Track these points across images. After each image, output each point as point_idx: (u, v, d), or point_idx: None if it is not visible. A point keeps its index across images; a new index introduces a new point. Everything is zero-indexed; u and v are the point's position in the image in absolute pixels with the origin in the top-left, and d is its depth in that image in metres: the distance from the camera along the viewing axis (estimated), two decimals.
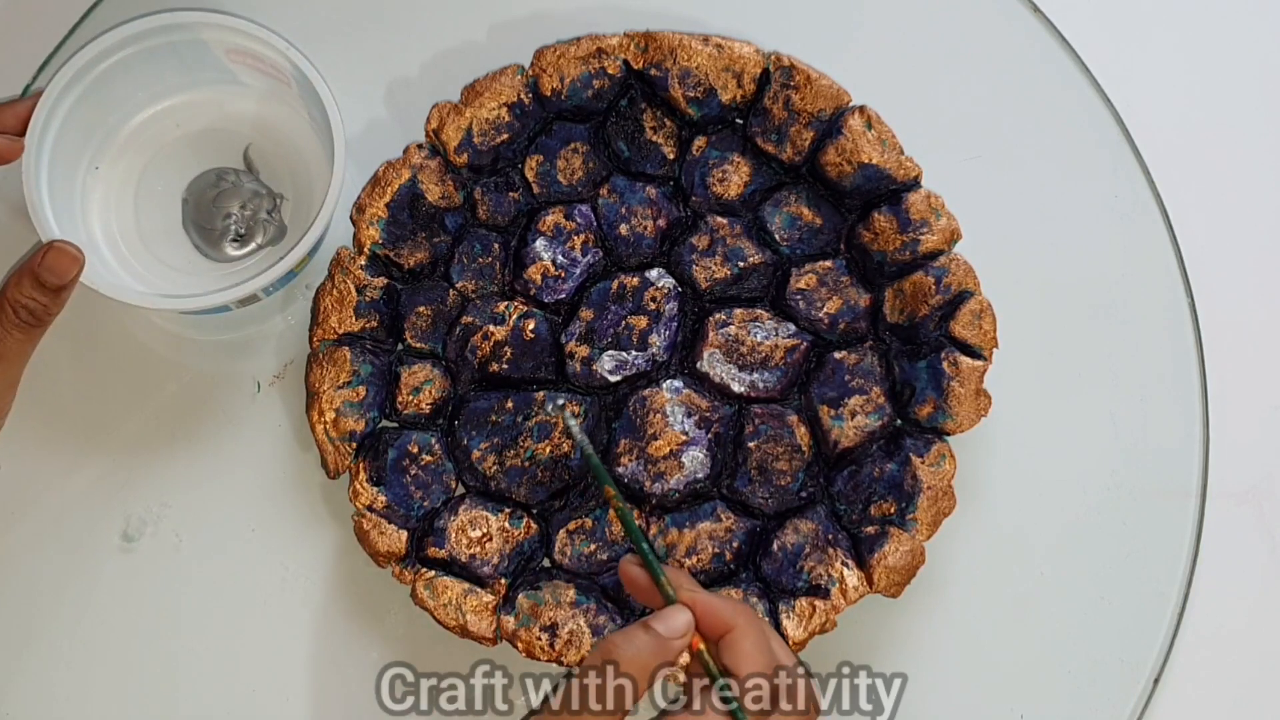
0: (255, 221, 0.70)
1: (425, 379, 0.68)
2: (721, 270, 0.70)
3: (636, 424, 0.68)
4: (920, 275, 0.68)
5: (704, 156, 0.70)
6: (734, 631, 0.53)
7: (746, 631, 0.53)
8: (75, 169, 0.69)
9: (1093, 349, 0.72)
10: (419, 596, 0.66)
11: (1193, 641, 0.70)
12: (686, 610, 0.53)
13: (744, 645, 0.52)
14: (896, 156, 0.69)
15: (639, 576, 0.55)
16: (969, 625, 0.70)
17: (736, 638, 0.53)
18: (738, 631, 0.53)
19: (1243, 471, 0.72)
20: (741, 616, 0.53)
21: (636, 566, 0.55)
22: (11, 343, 0.62)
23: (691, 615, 0.53)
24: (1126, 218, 0.73)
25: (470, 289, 0.69)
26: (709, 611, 0.53)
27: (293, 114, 0.71)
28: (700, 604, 0.53)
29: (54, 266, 0.62)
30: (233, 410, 0.71)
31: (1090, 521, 0.71)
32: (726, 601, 0.54)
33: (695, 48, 0.69)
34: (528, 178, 0.70)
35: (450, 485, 0.68)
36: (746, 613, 0.54)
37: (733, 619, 0.53)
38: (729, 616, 0.53)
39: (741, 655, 0.52)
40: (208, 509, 0.70)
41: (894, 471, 0.67)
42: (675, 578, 0.54)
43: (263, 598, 0.70)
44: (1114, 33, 0.75)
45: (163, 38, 0.67)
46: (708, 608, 0.53)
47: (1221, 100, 0.76)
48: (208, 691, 0.69)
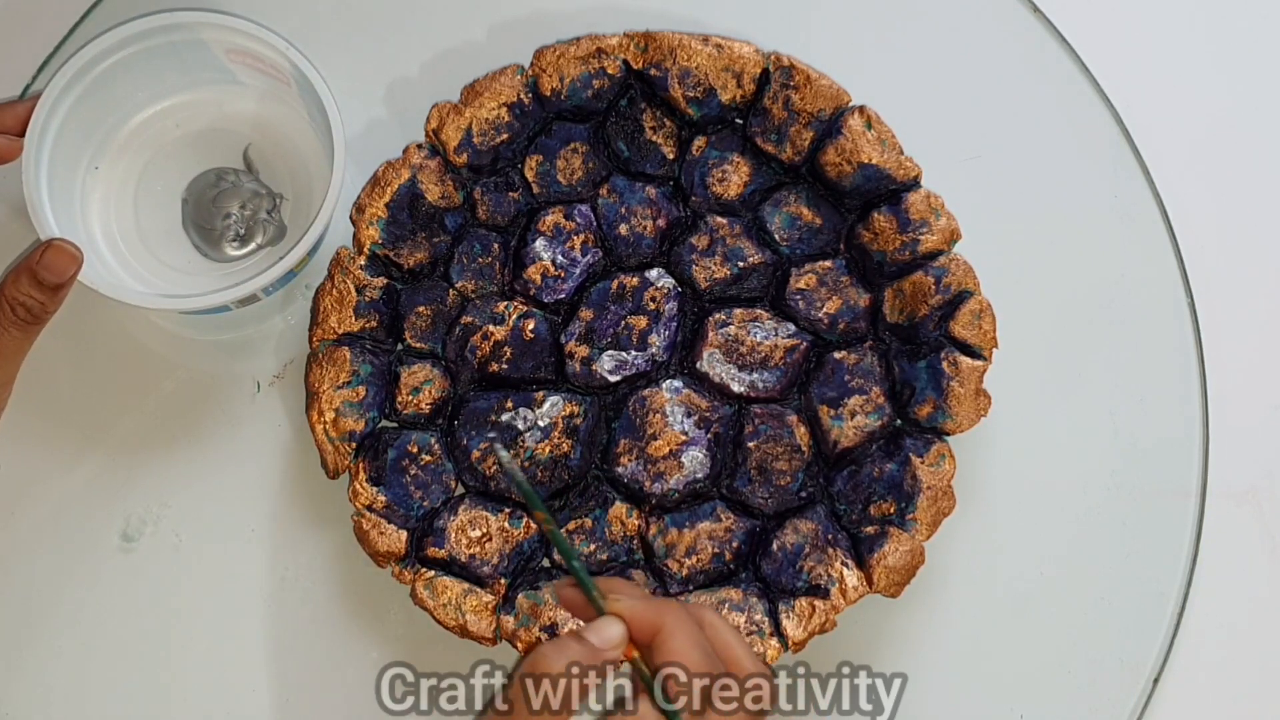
0: (255, 221, 0.70)
1: (425, 379, 0.68)
2: (721, 270, 0.70)
3: (636, 424, 0.68)
4: (920, 275, 0.68)
5: (704, 156, 0.70)
6: (662, 630, 0.53)
7: (675, 629, 0.53)
8: (75, 169, 0.69)
9: (1093, 349, 0.72)
10: (419, 596, 0.66)
11: (1193, 641, 0.70)
12: (618, 621, 0.53)
13: (672, 644, 0.52)
14: (896, 156, 0.69)
15: (573, 596, 0.55)
16: (969, 625, 0.70)
17: (665, 636, 0.53)
18: (665, 629, 0.53)
19: (1243, 471, 0.72)
20: (670, 614, 0.53)
21: (570, 587, 0.55)
22: (8, 340, 0.62)
23: (623, 626, 0.53)
24: (1126, 218, 0.73)
25: (470, 289, 0.69)
26: (637, 616, 0.53)
27: (292, 114, 0.71)
28: (628, 611, 0.53)
29: (52, 264, 0.62)
30: (233, 410, 0.71)
31: (1090, 521, 0.71)
32: (656, 603, 0.54)
33: (695, 48, 0.69)
34: (528, 178, 0.70)
35: (450, 485, 0.68)
36: (675, 609, 0.54)
37: (660, 618, 0.53)
38: (656, 617, 0.53)
39: (671, 653, 0.52)
40: (208, 509, 0.70)
41: (894, 471, 0.67)
42: (609, 586, 0.55)
43: (263, 598, 0.70)
44: (1114, 33, 0.75)
45: (163, 38, 0.67)
46: (635, 613, 0.53)
47: (1221, 100, 0.76)
48: (207, 691, 0.69)
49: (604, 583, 0.55)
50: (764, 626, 0.66)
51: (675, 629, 0.53)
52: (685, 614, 0.54)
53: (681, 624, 0.53)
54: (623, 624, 0.53)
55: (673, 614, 0.53)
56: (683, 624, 0.53)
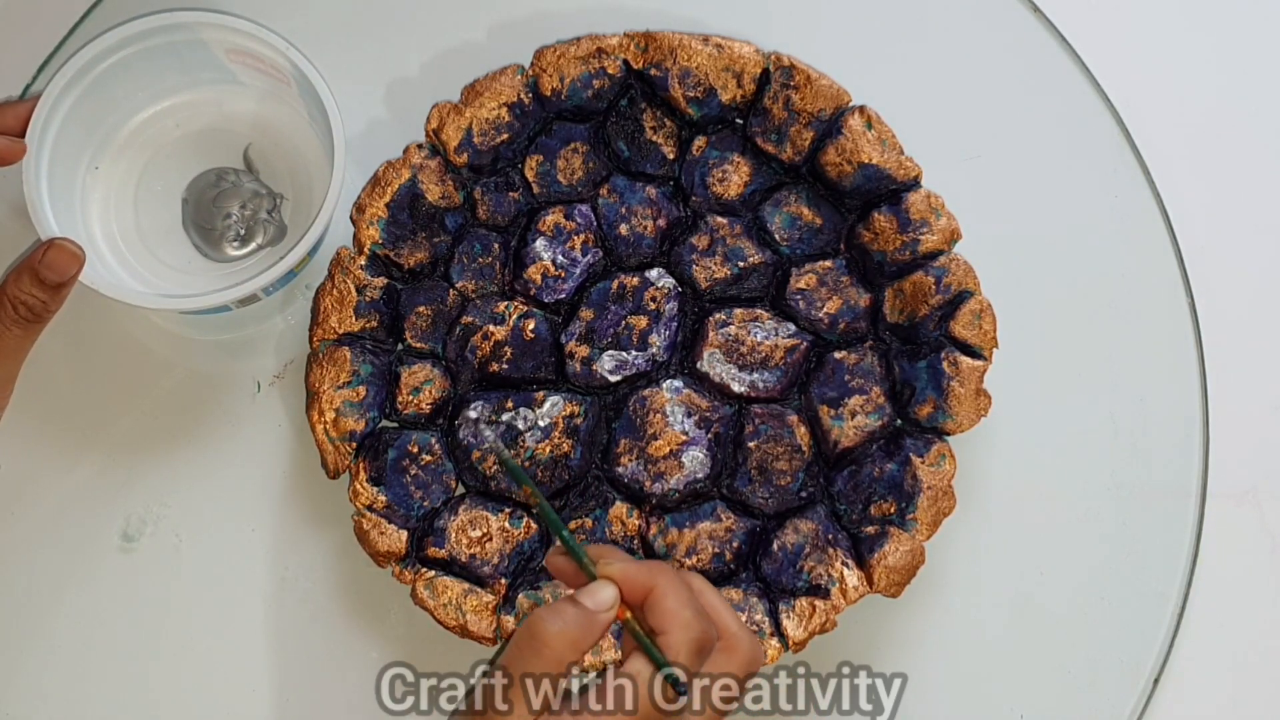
0: (255, 221, 0.70)
1: (425, 379, 0.68)
2: (721, 270, 0.70)
3: (636, 424, 0.68)
4: (920, 275, 0.68)
5: (704, 156, 0.70)
6: (654, 591, 0.53)
7: (667, 590, 0.53)
8: (75, 169, 0.69)
9: (1093, 349, 0.72)
10: (419, 596, 0.66)
11: (1193, 641, 0.70)
12: (611, 584, 0.54)
13: (666, 604, 0.53)
14: (896, 156, 0.69)
15: (564, 565, 0.55)
16: (969, 625, 0.70)
17: (658, 597, 0.53)
18: (658, 590, 0.53)
19: (1243, 471, 0.72)
20: (661, 575, 0.54)
21: (560, 555, 0.55)
22: (10, 339, 0.62)
23: (616, 588, 0.54)
24: (1126, 218, 0.73)
25: (470, 289, 0.69)
26: (629, 578, 0.54)
27: (293, 114, 0.71)
28: (619, 574, 0.54)
29: (54, 263, 0.62)
30: (233, 410, 0.71)
31: (1090, 521, 0.71)
32: (646, 564, 0.55)
33: (695, 48, 0.69)
34: (528, 178, 0.70)
35: (450, 485, 0.68)
36: (666, 571, 0.54)
37: (651, 579, 0.54)
38: (647, 578, 0.54)
39: (664, 614, 0.53)
40: (208, 509, 0.70)
41: (894, 471, 0.67)
42: (599, 552, 0.55)
43: (263, 598, 0.70)
44: (1114, 33, 0.75)
45: (163, 38, 0.67)
46: (627, 575, 0.54)
47: (1222, 100, 0.76)
48: (207, 691, 0.69)
49: (593, 549, 0.55)
50: (764, 626, 0.66)
51: (667, 589, 0.53)
52: (675, 575, 0.54)
53: (673, 584, 0.53)
54: (615, 586, 0.54)
55: (664, 575, 0.54)
56: (674, 585, 0.53)
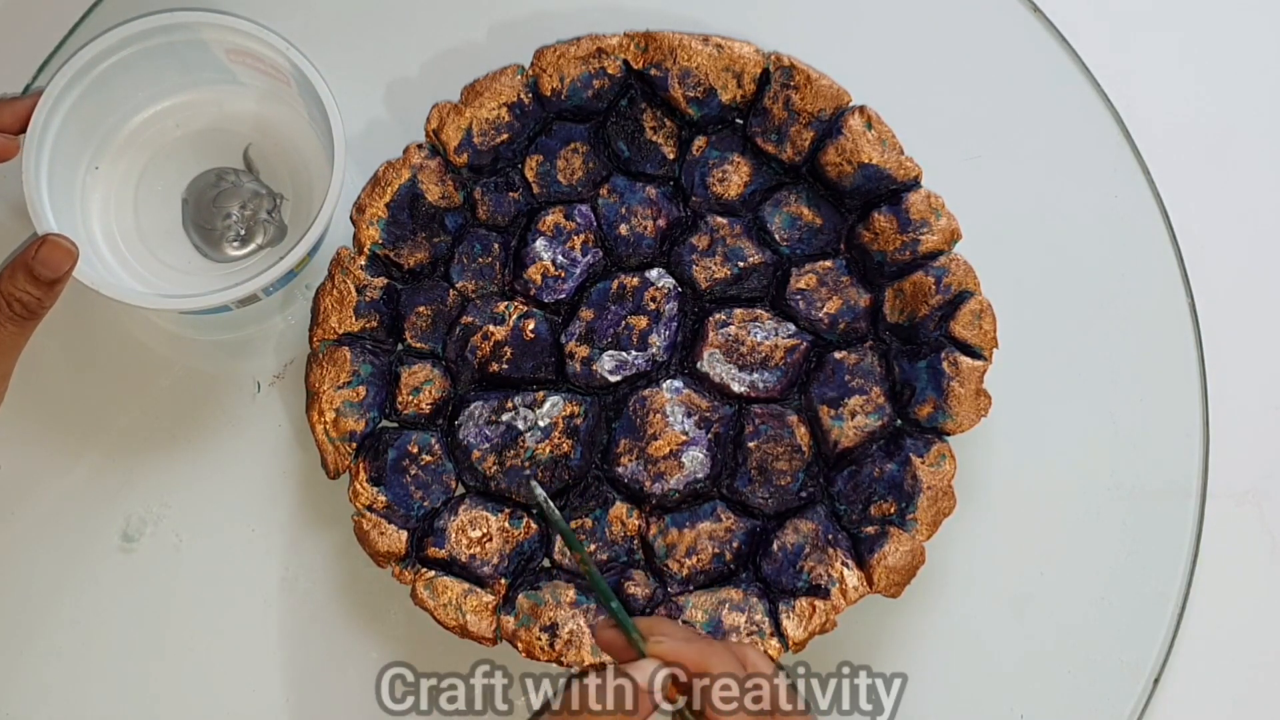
0: (255, 221, 0.70)
1: (425, 379, 0.68)
2: (721, 270, 0.70)
3: (636, 424, 0.68)
4: (920, 275, 0.68)
5: (704, 156, 0.70)
6: (706, 678, 0.53)
7: (719, 676, 0.52)
8: (75, 169, 0.69)
9: (1093, 349, 0.72)
10: (419, 596, 0.66)
11: (1193, 641, 0.70)
12: (662, 665, 0.53)
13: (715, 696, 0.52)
14: (896, 156, 0.69)
15: (613, 638, 0.55)
16: (969, 625, 0.70)
17: (710, 686, 0.52)
18: (710, 676, 0.53)
19: (1243, 471, 0.72)
20: (714, 657, 0.53)
21: (610, 629, 0.55)
22: (4, 335, 0.62)
23: (665, 669, 0.53)
24: (1126, 218, 0.73)
25: (470, 289, 0.69)
26: (680, 657, 0.53)
27: (293, 114, 0.71)
28: (671, 654, 0.53)
29: (48, 260, 0.62)
30: (233, 410, 0.71)
31: (1090, 521, 0.71)
32: (698, 644, 0.54)
33: (695, 48, 0.69)
34: (528, 178, 0.70)
35: (450, 485, 0.68)
36: (720, 653, 0.53)
37: (704, 662, 0.53)
38: (699, 660, 0.53)
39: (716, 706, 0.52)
40: (208, 509, 0.70)
41: (894, 471, 0.67)
42: (650, 627, 0.54)
43: (263, 598, 0.70)
44: (1114, 33, 0.75)
45: (163, 38, 0.67)
46: (678, 655, 0.53)
47: (1221, 100, 0.76)
48: (208, 691, 0.69)
49: (644, 623, 0.54)
50: (764, 626, 0.66)
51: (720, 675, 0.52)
52: (729, 654, 0.53)
53: (725, 666, 0.53)
54: (665, 667, 0.53)
55: (716, 656, 0.53)
56: (726, 666, 0.53)
